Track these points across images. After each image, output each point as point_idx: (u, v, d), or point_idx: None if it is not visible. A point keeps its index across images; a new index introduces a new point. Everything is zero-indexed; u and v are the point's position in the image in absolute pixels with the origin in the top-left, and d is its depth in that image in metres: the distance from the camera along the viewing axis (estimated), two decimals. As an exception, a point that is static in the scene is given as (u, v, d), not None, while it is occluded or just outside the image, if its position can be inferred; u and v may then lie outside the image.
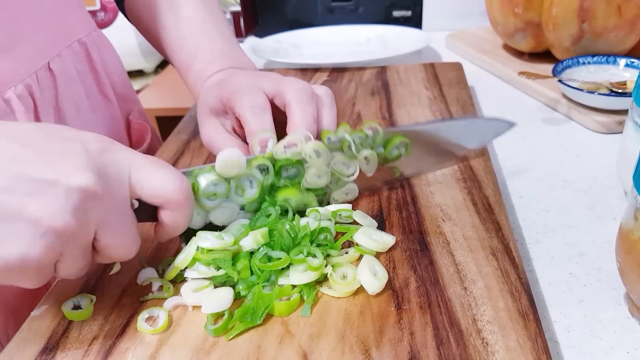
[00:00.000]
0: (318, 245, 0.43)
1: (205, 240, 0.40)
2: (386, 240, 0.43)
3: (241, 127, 0.52)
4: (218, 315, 0.38)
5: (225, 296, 0.39)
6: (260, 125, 0.47)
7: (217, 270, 0.40)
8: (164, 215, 0.38)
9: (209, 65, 0.59)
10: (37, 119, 0.52)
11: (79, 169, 0.32)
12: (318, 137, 0.49)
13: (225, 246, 0.40)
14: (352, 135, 0.47)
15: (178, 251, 0.42)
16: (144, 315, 0.39)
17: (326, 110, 0.50)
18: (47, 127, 0.35)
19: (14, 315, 0.49)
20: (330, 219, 0.46)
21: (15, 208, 0.30)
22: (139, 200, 0.37)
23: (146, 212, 0.38)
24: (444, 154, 0.54)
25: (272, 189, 0.45)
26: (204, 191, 0.41)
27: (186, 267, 0.41)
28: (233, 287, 0.40)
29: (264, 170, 0.44)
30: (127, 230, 0.36)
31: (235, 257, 0.42)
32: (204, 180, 0.41)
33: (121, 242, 0.35)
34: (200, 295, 0.39)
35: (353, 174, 0.48)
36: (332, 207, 0.47)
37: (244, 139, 0.53)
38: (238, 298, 0.40)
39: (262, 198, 0.45)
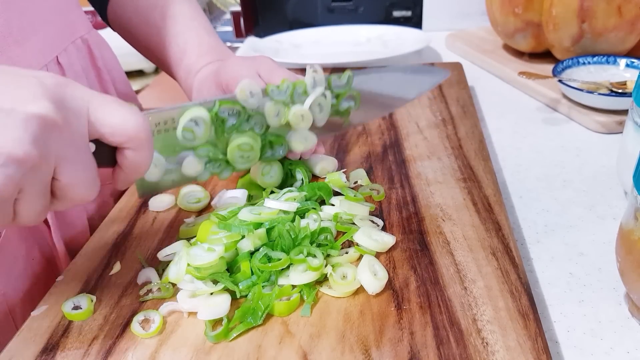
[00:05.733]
0: (318, 246, 0.43)
1: (196, 258, 0.39)
2: (386, 240, 0.43)
3: None
4: (217, 321, 0.38)
5: (222, 303, 0.38)
6: None
7: (215, 285, 0.40)
8: (124, 156, 0.36)
9: (199, 58, 0.61)
10: None
11: (36, 98, 0.30)
12: None
13: (218, 256, 0.40)
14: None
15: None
16: (139, 317, 0.38)
17: None
18: None
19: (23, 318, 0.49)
20: (330, 220, 0.46)
21: None
22: (95, 143, 0.35)
23: (104, 155, 0.36)
24: (386, 103, 0.57)
25: (218, 134, 0.46)
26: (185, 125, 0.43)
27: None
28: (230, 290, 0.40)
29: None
30: (87, 167, 0.34)
31: (234, 260, 0.41)
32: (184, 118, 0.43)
33: (81, 180, 0.34)
34: (197, 302, 0.38)
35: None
36: (334, 209, 0.47)
37: None
38: (238, 298, 0.40)
39: (211, 140, 0.45)
